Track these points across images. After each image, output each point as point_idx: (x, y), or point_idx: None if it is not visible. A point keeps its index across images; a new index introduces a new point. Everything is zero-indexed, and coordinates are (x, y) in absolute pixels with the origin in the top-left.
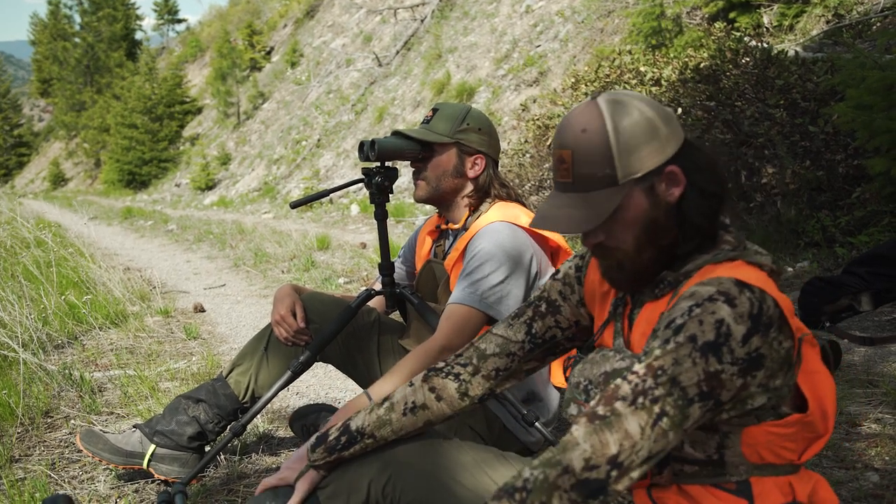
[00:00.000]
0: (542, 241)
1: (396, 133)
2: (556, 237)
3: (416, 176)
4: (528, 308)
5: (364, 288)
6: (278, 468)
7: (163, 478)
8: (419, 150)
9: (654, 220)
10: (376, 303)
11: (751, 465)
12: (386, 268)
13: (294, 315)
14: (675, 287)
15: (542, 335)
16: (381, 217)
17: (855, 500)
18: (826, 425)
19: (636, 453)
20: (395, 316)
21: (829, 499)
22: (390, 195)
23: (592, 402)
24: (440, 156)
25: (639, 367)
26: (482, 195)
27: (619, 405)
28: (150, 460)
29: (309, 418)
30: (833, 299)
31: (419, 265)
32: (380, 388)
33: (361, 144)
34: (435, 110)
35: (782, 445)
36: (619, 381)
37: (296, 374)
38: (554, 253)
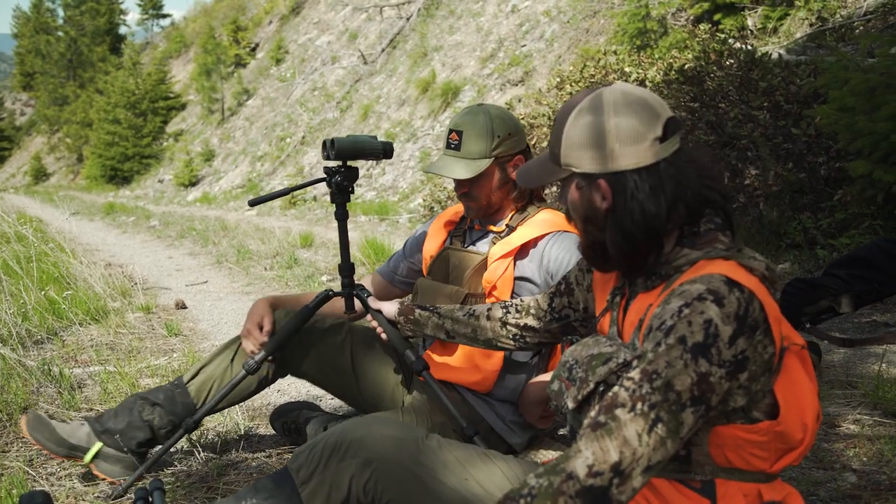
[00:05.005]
0: None
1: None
2: None
3: (465, 199)
4: (555, 285)
5: (322, 289)
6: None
7: (102, 476)
8: (380, 150)
9: (588, 217)
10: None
11: (717, 467)
12: (345, 269)
13: (261, 328)
14: (667, 280)
15: (559, 311)
16: (342, 217)
17: (833, 501)
18: (803, 437)
19: (636, 461)
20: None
21: None
22: (351, 195)
23: (593, 412)
24: (484, 177)
25: (634, 373)
26: (529, 195)
27: (618, 412)
28: (93, 457)
29: (290, 416)
30: (813, 301)
31: (428, 256)
32: None
33: (324, 143)
34: (459, 132)
35: (751, 452)
36: (616, 388)
37: (249, 373)
38: None
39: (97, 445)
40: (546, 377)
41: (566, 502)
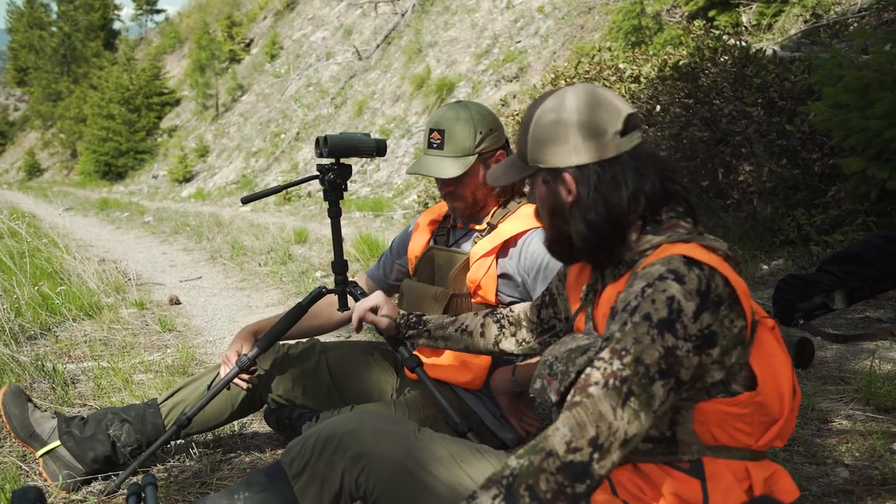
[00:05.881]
0: None
1: (418, 170)
2: None
3: (451, 198)
4: (540, 297)
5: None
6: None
7: (43, 475)
8: (374, 148)
9: (555, 210)
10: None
11: (703, 445)
12: (338, 266)
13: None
14: (632, 266)
15: (546, 322)
16: (335, 215)
17: (825, 496)
18: (781, 408)
19: (613, 434)
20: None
21: (787, 489)
22: (345, 192)
23: (569, 395)
24: (469, 175)
25: (604, 353)
26: (511, 190)
27: (591, 389)
28: (47, 453)
29: (284, 411)
30: (807, 297)
31: (413, 257)
32: None
33: (317, 140)
34: (441, 130)
35: (735, 426)
36: (589, 369)
37: (242, 369)
38: None
39: (55, 443)
40: (506, 369)
41: (547, 479)
